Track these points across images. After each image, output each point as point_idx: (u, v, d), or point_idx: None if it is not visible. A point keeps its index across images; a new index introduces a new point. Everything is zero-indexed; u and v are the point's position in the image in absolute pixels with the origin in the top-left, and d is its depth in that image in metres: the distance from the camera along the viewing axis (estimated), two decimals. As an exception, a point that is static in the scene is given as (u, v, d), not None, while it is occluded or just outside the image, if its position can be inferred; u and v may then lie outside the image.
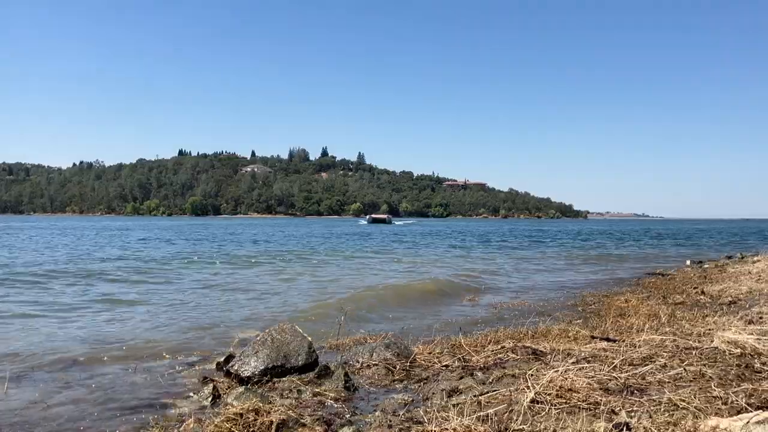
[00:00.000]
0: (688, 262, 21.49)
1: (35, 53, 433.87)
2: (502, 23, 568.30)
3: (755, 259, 19.85)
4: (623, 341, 6.34)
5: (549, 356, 5.89)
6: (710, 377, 4.74)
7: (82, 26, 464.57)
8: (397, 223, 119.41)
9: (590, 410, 4.09)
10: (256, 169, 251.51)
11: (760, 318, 7.55)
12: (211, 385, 5.56)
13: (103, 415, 5.18)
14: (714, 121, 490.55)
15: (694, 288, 12.61)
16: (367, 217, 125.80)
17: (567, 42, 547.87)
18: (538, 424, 3.85)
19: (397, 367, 6.08)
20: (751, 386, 4.38)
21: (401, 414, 4.46)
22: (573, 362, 5.33)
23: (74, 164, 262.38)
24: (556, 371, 4.76)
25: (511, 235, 59.16)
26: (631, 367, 5.13)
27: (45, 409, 5.32)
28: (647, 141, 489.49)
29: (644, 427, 3.61)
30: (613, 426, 3.66)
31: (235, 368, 5.96)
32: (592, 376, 4.77)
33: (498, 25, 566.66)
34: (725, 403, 4.08)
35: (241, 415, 4.26)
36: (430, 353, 6.59)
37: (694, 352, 5.61)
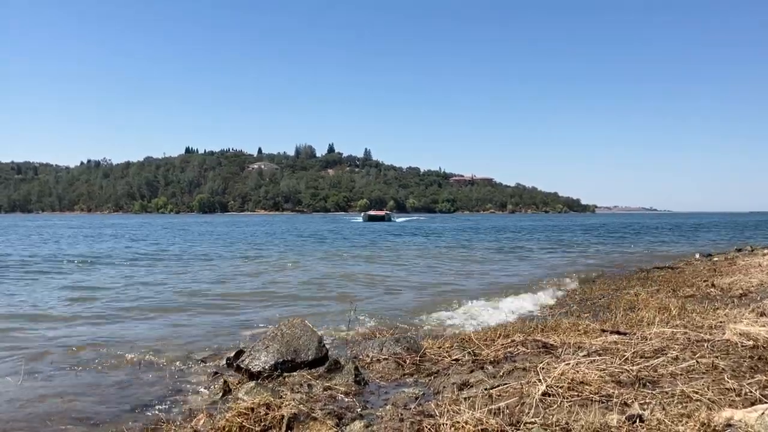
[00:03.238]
0: (697, 255, 21.35)
1: (41, 53, 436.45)
2: (506, 19, 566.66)
3: (766, 251, 19.73)
4: (634, 334, 6.31)
5: (559, 349, 5.87)
6: (723, 369, 4.70)
7: (87, 26, 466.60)
8: (398, 220, 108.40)
9: (603, 402, 4.07)
10: (263, 166, 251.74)
11: (772, 310, 7.49)
12: (221, 381, 5.57)
13: (116, 411, 5.20)
14: (723, 114, 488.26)
15: (704, 281, 12.51)
16: (363, 214, 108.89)
17: (573, 37, 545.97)
18: (550, 416, 3.83)
19: (407, 361, 6.07)
20: (764, 378, 4.35)
21: (412, 408, 4.45)
22: (584, 355, 5.31)
23: (82, 163, 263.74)
24: (567, 364, 4.74)
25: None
26: (642, 359, 5.10)
27: (59, 404, 5.35)
28: (653, 135, 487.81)
29: (657, 419, 3.58)
30: (626, 418, 3.64)
31: (246, 363, 5.97)
32: (604, 369, 4.74)
33: (503, 21, 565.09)
34: (739, 395, 4.05)
35: (253, 409, 4.26)
36: (439, 347, 6.57)
37: (705, 345, 5.58)
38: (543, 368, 4.80)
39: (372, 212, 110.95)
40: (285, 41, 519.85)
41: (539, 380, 4.48)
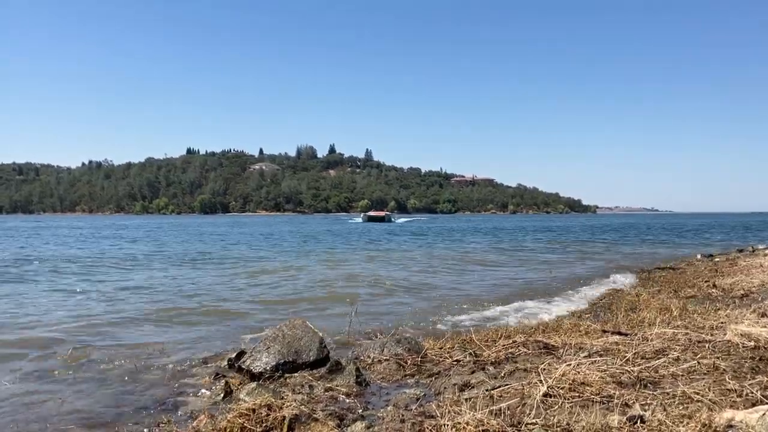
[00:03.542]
0: (698, 256, 21.32)
1: (42, 53, 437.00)
2: (508, 20, 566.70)
3: (767, 252, 19.70)
4: (635, 335, 6.31)
5: (561, 350, 5.87)
6: (724, 370, 4.70)
7: (89, 27, 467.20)
8: (398, 220, 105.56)
9: (604, 403, 4.07)
10: (264, 167, 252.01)
11: (774, 311, 7.48)
12: (223, 381, 5.58)
13: (117, 412, 5.20)
14: (724, 114, 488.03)
15: (706, 281, 12.50)
16: (363, 215, 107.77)
17: (573, 37, 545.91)
18: (552, 417, 3.83)
19: (408, 362, 6.07)
20: (766, 378, 4.35)
21: (413, 408, 4.45)
22: (585, 356, 5.31)
23: (83, 164, 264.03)
24: (568, 365, 4.74)
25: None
26: (643, 360, 5.10)
27: (59, 406, 5.36)
28: (653, 135, 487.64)
29: (658, 420, 3.58)
30: (627, 419, 3.64)
31: (247, 364, 5.97)
32: (605, 370, 4.74)
33: (503, 21, 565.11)
34: (740, 396, 4.05)
35: (254, 410, 4.27)
36: (440, 348, 6.58)
37: (707, 345, 5.57)
38: (544, 369, 4.81)
39: (371, 213, 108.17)
40: (285, 41, 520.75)
41: (540, 381, 4.48)
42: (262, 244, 34.03)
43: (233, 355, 6.41)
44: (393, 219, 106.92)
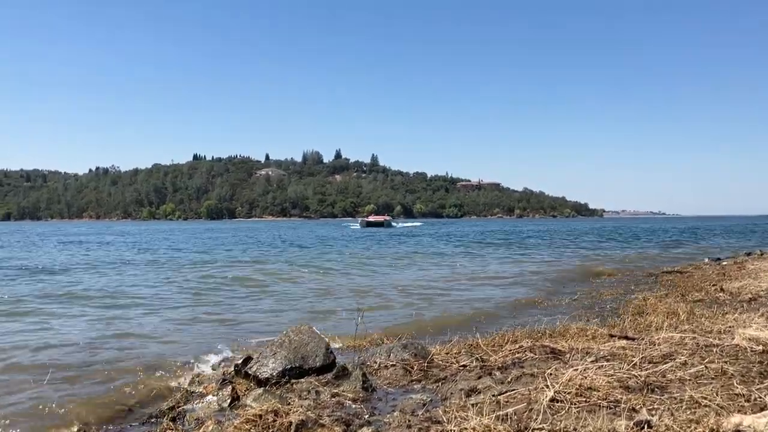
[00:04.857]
0: (706, 260, 21.25)
1: (49, 59, 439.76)
2: (513, 22, 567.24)
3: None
4: (642, 339, 6.28)
5: (567, 355, 5.85)
6: (732, 374, 4.67)
7: (95, 32, 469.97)
8: (399, 225, 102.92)
9: (611, 408, 4.05)
10: (270, 173, 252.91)
11: (782, 314, 7.43)
12: (229, 387, 5.59)
13: (122, 419, 5.22)
14: (729, 115, 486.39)
15: (713, 285, 12.44)
16: (360, 220, 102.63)
17: (579, 40, 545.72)
18: (558, 422, 3.82)
19: (415, 367, 6.06)
20: (774, 383, 4.32)
21: (420, 414, 4.45)
22: (592, 360, 5.29)
23: (90, 170, 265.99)
24: (575, 370, 4.73)
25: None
26: (651, 364, 5.07)
27: (62, 412, 5.37)
28: (662, 138, 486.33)
29: (666, 425, 3.57)
30: (634, 424, 3.63)
31: (254, 370, 5.98)
32: (612, 374, 4.72)
33: (509, 24, 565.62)
34: (748, 401, 4.03)
35: (261, 416, 4.28)
36: (447, 353, 6.56)
37: (714, 350, 5.54)
38: (551, 374, 4.79)
39: (370, 218, 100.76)
40: (291, 46, 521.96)
41: (547, 386, 4.47)
42: (265, 250, 34.08)
43: (240, 361, 6.41)
44: (394, 224, 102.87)
